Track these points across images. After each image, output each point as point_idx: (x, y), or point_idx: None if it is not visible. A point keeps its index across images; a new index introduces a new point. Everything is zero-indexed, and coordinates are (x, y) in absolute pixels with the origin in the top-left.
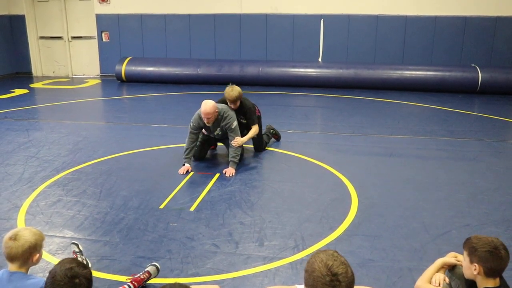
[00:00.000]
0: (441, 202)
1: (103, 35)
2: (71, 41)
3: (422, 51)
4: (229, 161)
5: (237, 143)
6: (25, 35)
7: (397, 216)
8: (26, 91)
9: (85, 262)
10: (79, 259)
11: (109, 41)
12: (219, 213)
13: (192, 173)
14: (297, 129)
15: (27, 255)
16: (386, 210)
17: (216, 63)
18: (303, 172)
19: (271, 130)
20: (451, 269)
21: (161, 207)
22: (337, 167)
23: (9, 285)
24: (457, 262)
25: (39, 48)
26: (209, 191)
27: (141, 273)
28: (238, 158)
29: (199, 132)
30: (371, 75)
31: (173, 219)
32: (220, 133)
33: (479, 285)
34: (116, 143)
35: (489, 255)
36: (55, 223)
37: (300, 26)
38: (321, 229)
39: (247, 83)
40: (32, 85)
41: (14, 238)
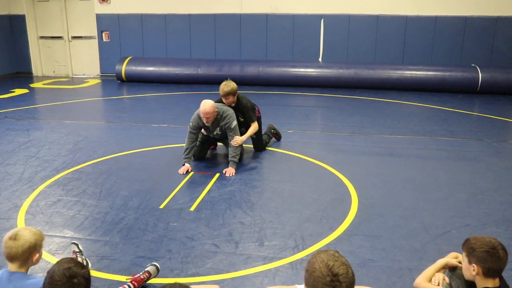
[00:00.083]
0: (441, 202)
1: (103, 35)
2: (71, 41)
3: (422, 51)
4: (229, 161)
5: (236, 142)
6: (25, 35)
7: (397, 216)
8: (26, 91)
9: (85, 262)
10: (79, 259)
11: (109, 41)
12: (219, 213)
13: (192, 173)
14: (297, 129)
15: (27, 255)
16: (386, 210)
17: (216, 63)
18: (303, 172)
19: (272, 130)
20: (452, 269)
21: (161, 207)
22: (337, 167)
23: (9, 285)
24: (458, 264)
25: (39, 48)
26: (209, 191)
27: (141, 273)
28: (238, 157)
29: (199, 132)
30: (371, 75)
31: (173, 219)
32: (219, 132)
33: (478, 286)
34: (116, 143)
35: (487, 255)
36: (55, 223)
37: (300, 26)
38: (321, 229)
39: (247, 83)
40: (32, 85)
41: (14, 238)
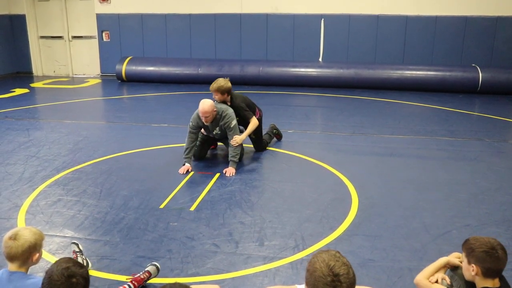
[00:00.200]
0: (441, 202)
1: (104, 34)
2: (71, 41)
3: (422, 51)
4: (229, 160)
5: (236, 142)
6: (25, 34)
7: (398, 216)
8: (26, 90)
9: (85, 262)
10: (79, 259)
11: (109, 40)
12: (219, 212)
13: (192, 173)
14: (298, 129)
15: (27, 255)
16: (386, 210)
17: (216, 63)
18: (303, 172)
19: (274, 130)
20: (453, 269)
21: (161, 206)
22: (337, 167)
23: (9, 285)
24: (459, 263)
25: (39, 47)
26: (209, 190)
27: (141, 273)
28: (238, 157)
29: (199, 131)
30: (372, 75)
31: (173, 218)
32: (219, 132)
33: (477, 286)
34: (116, 143)
35: (486, 255)
36: (55, 222)
37: (300, 26)
38: (321, 229)
39: (248, 83)
40: (32, 85)
41: (14, 237)
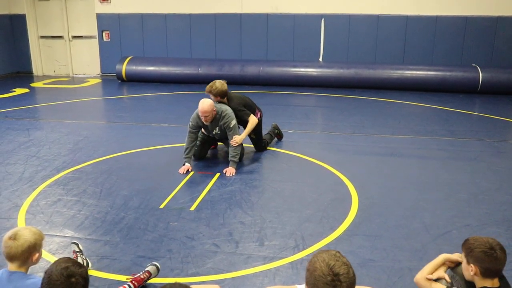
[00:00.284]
0: (441, 202)
1: (104, 34)
2: (71, 41)
3: (422, 51)
4: (229, 160)
5: (235, 142)
6: (25, 34)
7: (398, 216)
8: (26, 90)
9: (85, 261)
10: (79, 259)
11: (109, 40)
12: (219, 212)
13: (192, 173)
14: (298, 129)
15: (26, 255)
16: (386, 210)
17: (216, 63)
18: (303, 171)
19: (276, 130)
20: (454, 268)
21: (162, 206)
22: (337, 166)
23: (9, 285)
24: (458, 259)
25: (39, 47)
26: (209, 190)
27: (141, 273)
28: (238, 157)
29: (198, 131)
30: (372, 74)
31: (174, 218)
32: (218, 132)
33: (477, 286)
34: (116, 143)
35: (484, 255)
36: (55, 222)
37: (300, 25)
38: (321, 229)
39: (248, 82)
40: (32, 85)
41: (13, 237)
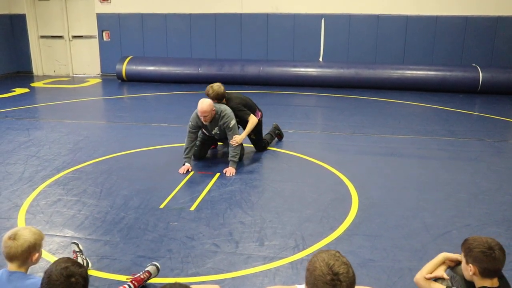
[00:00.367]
0: (442, 202)
1: (104, 34)
2: (71, 40)
3: (423, 51)
4: (229, 160)
5: (235, 142)
6: (26, 34)
7: (398, 216)
8: (26, 90)
9: (85, 261)
10: (79, 259)
11: (110, 40)
12: (219, 212)
13: (192, 173)
14: (298, 129)
15: (26, 255)
16: (386, 210)
17: (216, 63)
18: (303, 171)
19: (276, 130)
20: (454, 268)
21: (162, 206)
22: (337, 166)
23: (9, 285)
24: (458, 257)
25: (39, 47)
26: (209, 190)
27: (141, 273)
28: (238, 157)
29: (198, 131)
30: (372, 74)
31: (174, 218)
32: (218, 132)
33: (476, 285)
34: (116, 143)
35: (483, 255)
36: (55, 222)
37: (301, 25)
38: (321, 229)
39: (248, 82)
40: (32, 84)
41: (13, 237)
